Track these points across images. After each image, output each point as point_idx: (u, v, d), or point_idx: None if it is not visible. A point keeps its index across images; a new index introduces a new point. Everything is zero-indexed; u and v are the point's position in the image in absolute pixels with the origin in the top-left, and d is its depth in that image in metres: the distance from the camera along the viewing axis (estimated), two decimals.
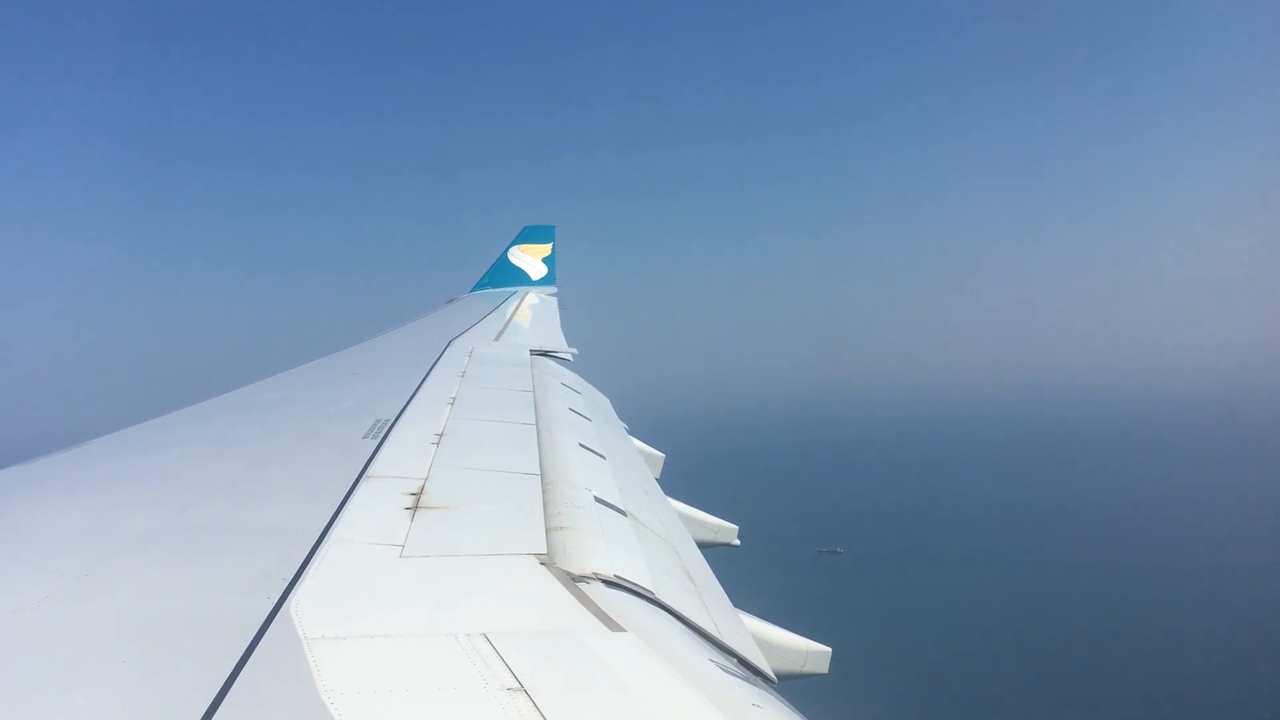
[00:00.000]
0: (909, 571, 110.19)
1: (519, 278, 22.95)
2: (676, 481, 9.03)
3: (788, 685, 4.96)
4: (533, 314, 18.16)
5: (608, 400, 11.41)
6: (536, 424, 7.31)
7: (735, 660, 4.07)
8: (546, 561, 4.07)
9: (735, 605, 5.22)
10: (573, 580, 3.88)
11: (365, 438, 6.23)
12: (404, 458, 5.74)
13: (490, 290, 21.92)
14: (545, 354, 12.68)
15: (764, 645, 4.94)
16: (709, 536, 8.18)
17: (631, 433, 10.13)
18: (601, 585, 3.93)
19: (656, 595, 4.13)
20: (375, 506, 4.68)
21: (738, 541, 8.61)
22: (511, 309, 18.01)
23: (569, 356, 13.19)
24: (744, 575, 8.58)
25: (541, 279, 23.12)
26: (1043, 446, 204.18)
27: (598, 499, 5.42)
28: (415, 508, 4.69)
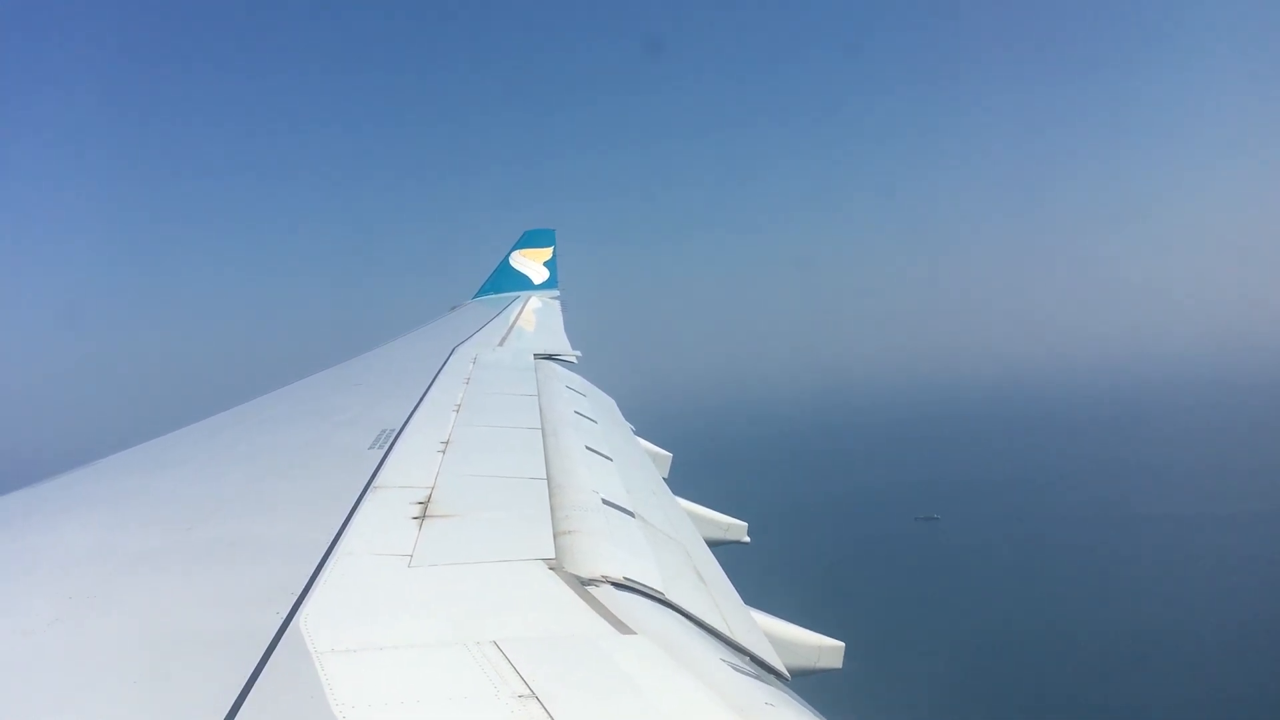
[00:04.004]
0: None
1: (521, 282, 22.99)
2: (685, 480, 9.00)
3: (801, 682, 4.94)
4: (536, 318, 18.18)
5: (613, 401, 11.40)
6: (542, 428, 7.29)
7: (748, 659, 4.04)
8: (555, 566, 4.06)
9: (747, 602, 5.20)
10: (582, 584, 3.86)
11: (371, 448, 6.22)
12: (410, 467, 5.73)
13: (493, 296, 21.98)
14: (549, 357, 12.67)
15: (776, 642, 4.92)
16: (719, 534, 8.16)
17: (638, 433, 10.11)
18: (611, 588, 3.91)
19: (667, 596, 4.12)
20: (383, 517, 4.67)
21: (748, 539, 8.58)
22: (514, 314, 18.04)
23: (573, 359, 13.18)
24: (756, 570, 8.55)
25: (544, 283, 23.15)
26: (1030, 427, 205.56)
27: (605, 501, 5.40)
28: (423, 517, 4.68)
